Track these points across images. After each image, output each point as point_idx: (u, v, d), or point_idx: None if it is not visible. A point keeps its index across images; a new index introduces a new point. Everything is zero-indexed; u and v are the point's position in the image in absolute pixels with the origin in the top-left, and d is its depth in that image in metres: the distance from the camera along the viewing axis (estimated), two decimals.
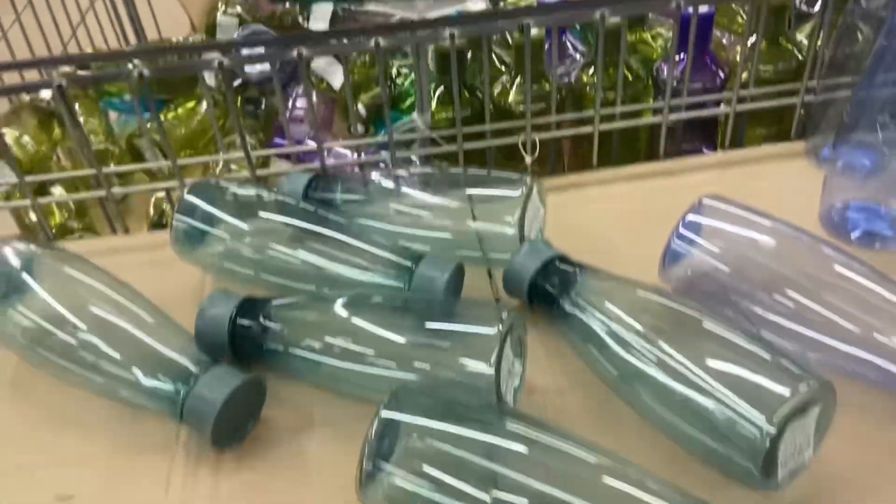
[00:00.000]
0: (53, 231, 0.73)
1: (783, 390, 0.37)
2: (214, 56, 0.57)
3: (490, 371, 0.41)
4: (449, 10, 0.78)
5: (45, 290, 0.50)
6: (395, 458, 0.37)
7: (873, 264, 0.46)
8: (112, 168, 0.74)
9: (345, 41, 0.60)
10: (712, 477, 0.40)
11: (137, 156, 0.92)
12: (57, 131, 0.92)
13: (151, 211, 0.81)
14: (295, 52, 0.56)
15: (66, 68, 0.66)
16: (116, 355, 0.46)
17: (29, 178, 0.62)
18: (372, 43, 0.56)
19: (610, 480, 0.36)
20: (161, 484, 0.44)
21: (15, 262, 0.51)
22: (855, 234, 0.57)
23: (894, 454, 0.42)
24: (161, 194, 0.83)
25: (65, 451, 0.46)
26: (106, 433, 0.47)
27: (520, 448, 0.37)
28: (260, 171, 0.68)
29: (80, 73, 0.68)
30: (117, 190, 0.65)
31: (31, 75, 0.81)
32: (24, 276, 0.50)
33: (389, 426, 0.37)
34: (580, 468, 0.36)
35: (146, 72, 0.55)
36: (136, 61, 0.54)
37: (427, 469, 0.36)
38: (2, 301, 0.50)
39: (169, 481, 0.44)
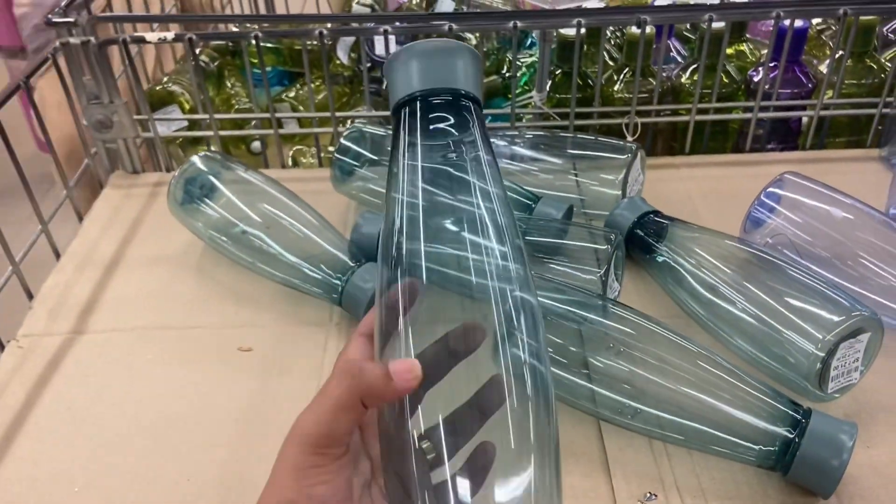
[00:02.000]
0: None
1: (838, 315, 0.46)
2: (375, 26, 0.68)
3: (598, 280, 0.51)
4: (569, 5, 0.88)
5: (232, 192, 0.62)
6: None
7: None
8: (283, 115, 0.87)
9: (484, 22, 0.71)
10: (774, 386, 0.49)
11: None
12: (211, 91, 1.07)
13: (290, 162, 0.94)
14: (446, 26, 0.67)
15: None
16: (289, 249, 0.58)
17: (218, 116, 0.75)
18: (511, 24, 0.67)
19: (708, 364, 0.45)
20: (320, 346, 0.55)
21: (206, 168, 0.63)
22: None
23: None
24: (298, 147, 0.96)
25: (242, 318, 0.58)
26: (274, 309, 0.58)
27: (628, 329, 0.46)
28: None
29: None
30: (283, 131, 0.77)
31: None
32: (215, 180, 0.62)
33: None
34: (683, 354, 0.45)
35: (325, 31, 0.67)
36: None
37: (548, 340, 0.46)
38: (195, 199, 0.62)
39: (326, 346, 0.55)
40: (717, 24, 0.71)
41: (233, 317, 0.58)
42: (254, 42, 0.68)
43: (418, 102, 0.34)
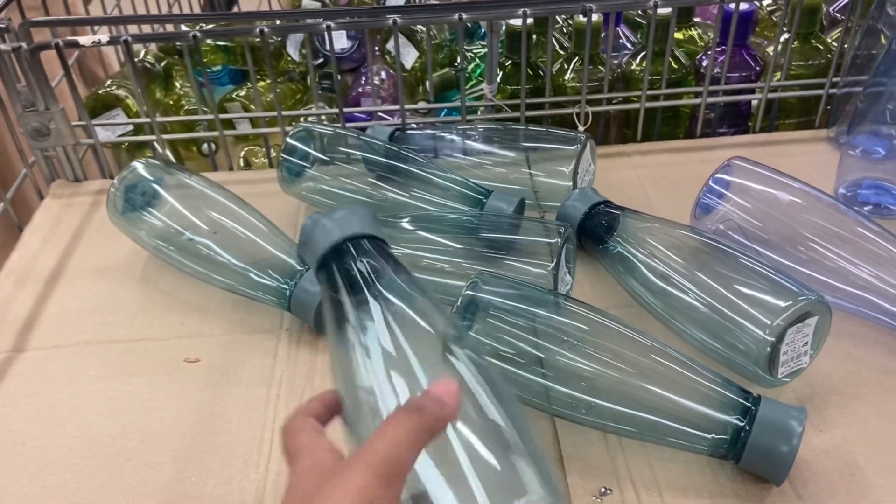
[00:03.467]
0: None
1: (785, 300, 0.46)
2: (318, 21, 0.67)
3: (549, 274, 0.50)
4: None
5: (175, 199, 0.60)
6: (473, 329, 0.46)
7: None
8: (227, 115, 0.85)
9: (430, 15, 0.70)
10: (725, 374, 0.49)
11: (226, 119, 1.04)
12: (158, 93, 1.04)
13: (242, 163, 0.92)
14: (390, 20, 0.66)
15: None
16: (235, 255, 0.57)
17: (160, 119, 0.73)
18: (456, 16, 0.66)
19: (659, 355, 0.44)
20: (270, 353, 0.53)
21: (149, 175, 0.61)
22: (866, 209, 0.65)
23: (879, 372, 0.50)
24: (249, 147, 0.94)
25: (189, 328, 0.56)
26: (222, 317, 0.57)
27: (581, 325, 0.46)
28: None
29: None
30: (229, 132, 0.75)
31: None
32: (157, 187, 0.61)
33: (471, 303, 0.46)
34: (635, 346, 0.45)
35: (267, 29, 0.65)
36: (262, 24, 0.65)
37: (500, 339, 0.45)
38: (138, 208, 0.60)
39: (276, 352, 0.54)
40: (664, 10, 0.70)
41: (179, 327, 0.56)
42: (194, 42, 0.66)
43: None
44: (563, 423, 0.47)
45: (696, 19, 0.87)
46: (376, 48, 1.04)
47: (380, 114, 0.83)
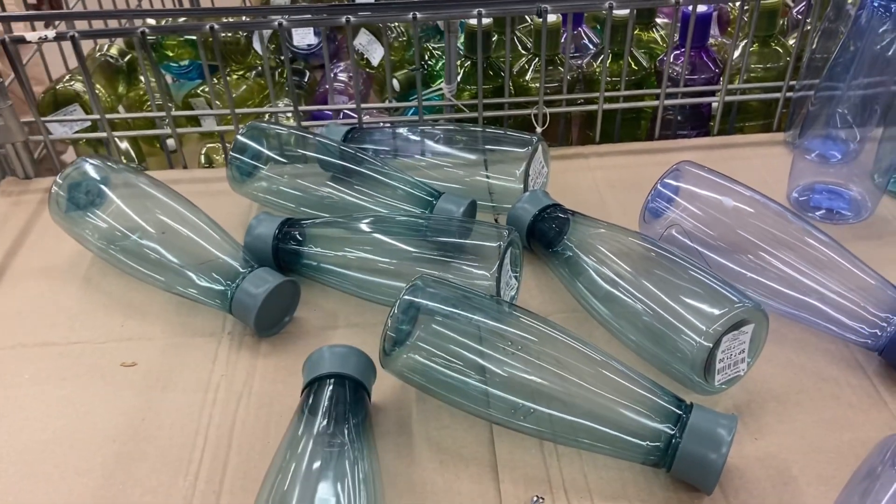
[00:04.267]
0: None
1: (721, 308, 0.46)
2: (276, 18, 0.66)
3: (491, 278, 0.50)
4: None
5: (119, 199, 0.59)
6: (412, 335, 0.46)
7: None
8: (180, 112, 0.84)
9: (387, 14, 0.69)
10: (665, 381, 0.49)
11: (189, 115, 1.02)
12: (121, 88, 1.03)
13: (203, 160, 0.91)
14: (343, 19, 0.65)
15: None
16: (177, 256, 0.56)
17: (109, 116, 0.72)
18: (410, 15, 0.65)
19: (596, 363, 0.44)
20: (210, 358, 0.53)
21: (93, 174, 0.60)
22: (819, 213, 0.65)
23: (818, 379, 0.50)
24: (211, 145, 0.93)
25: (129, 331, 0.55)
26: (164, 319, 0.56)
27: (521, 332, 0.45)
28: (304, 123, 0.77)
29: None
30: (182, 130, 0.74)
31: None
32: (102, 186, 0.60)
33: (410, 307, 0.46)
34: (574, 354, 0.45)
35: (217, 26, 0.64)
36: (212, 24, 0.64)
37: (439, 345, 0.45)
38: (81, 208, 0.59)
39: (216, 356, 0.53)
40: (622, 11, 0.70)
41: (119, 330, 0.55)
42: (142, 37, 0.65)
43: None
44: (500, 430, 0.47)
45: (660, 20, 0.86)
46: (345, 45, 1.03)
47: (344, 112, 0.82)
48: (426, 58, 0.97)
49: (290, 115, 0.82)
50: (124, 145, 0.93)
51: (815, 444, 0.46)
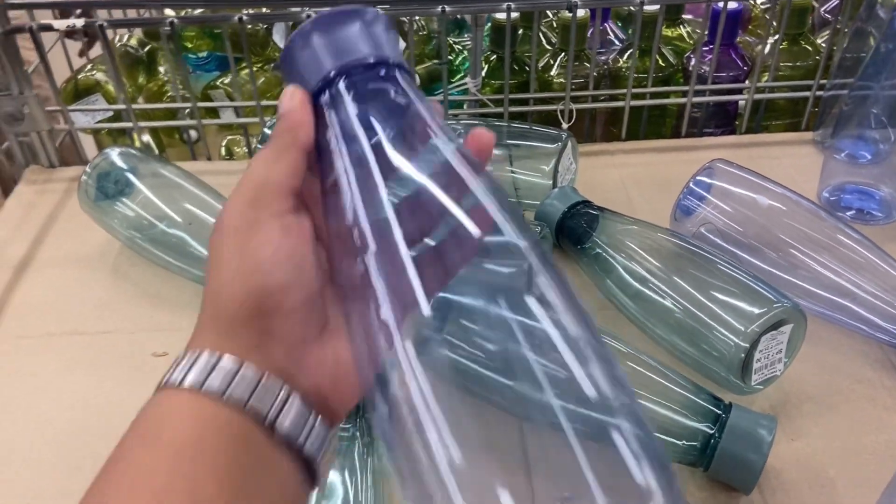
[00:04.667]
0: None
1: (760, 307, 0.45)
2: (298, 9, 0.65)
3: None
4: None
5: (148, 189, 0.59)
6: (445, 330, 0.45)
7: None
8: (204, 104, 0.83)
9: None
10: (698, 380, 0.48)
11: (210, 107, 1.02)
12: (141, 78, 1.02)
13: (223, 152, 0.90)
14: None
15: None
16: (206, 246, 0.55)
17: (136, 106, 0.71)
18: (438, 9, 0.65)
19: (632, 360, 0.44)
20: None
21: (122, 163, 0.60)
22: (849, 214, 0.65)
23: (853, 381, 0.50)
24: (231, 137, 0.92)
25: (158, 321, 0.55)
26: (194, 310, 0.55)
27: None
28: None
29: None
30: (206, 121, 0.74)
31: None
32: (130, 176, 0.59)
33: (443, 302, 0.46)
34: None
35: (246, 17, 0.64)
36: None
37: (468, 340, 0.45)
38: (110, 197, 0.59)
39: None
40: (651, 7, 0.69)
41: (148, 320, 0.55)
42: (171, 28, 0.65)
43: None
44: (532, 426, 0.46)
45: (686, 17, 0.86)
46: None
47: None
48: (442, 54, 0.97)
49: None
50: (145, 137, 0.92)
51: (851, 447, 0.45)
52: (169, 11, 0.72)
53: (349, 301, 0.27)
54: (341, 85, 0.27)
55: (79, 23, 0.65)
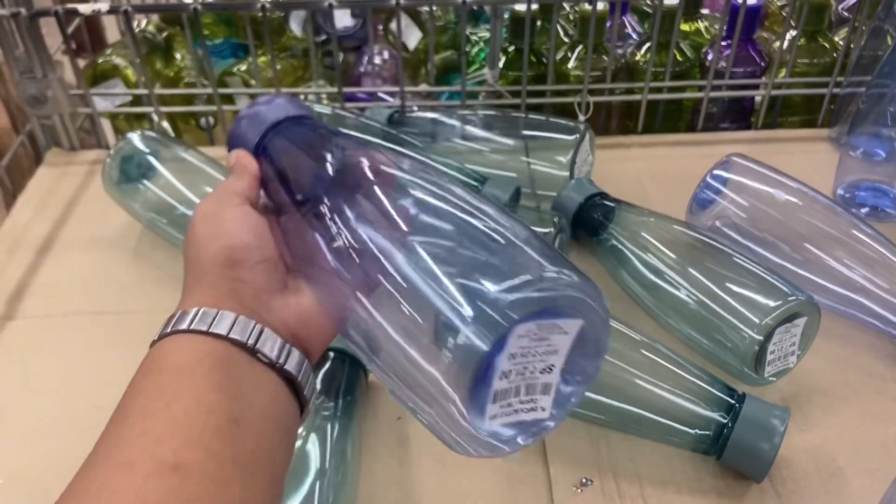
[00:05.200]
0: None
1: (775, 300, 0.46)
2: None
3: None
4: None
5: (170, 172, 0.59)
6: None
7: None
8: (225, 90, 0.84)
9: None
10: (712, 370, 0.49)
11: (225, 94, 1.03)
12: (158, 64, 1.03)
13: None
14: (393, 1, 0.65)
15: None
16: None
17: (158, 91, 0.72)
18: (459, 0, 0.65)
19: (648, 350, 0.45)
20: None
21: (144, 147, 0.61)
22: (864, 211, 0.65)
23: (864, 374, 0.50)
24: None
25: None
26: None
27: None
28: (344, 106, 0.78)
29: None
30: (226, 108, 0.75)
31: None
32: (152, 159, 0.60)
33: None
34: (625, 340, 0.45)
35: (268, 4, 0.65)
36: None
37: None
38: (132, 180, 0.60)
39: None
40: (671, 1, 0.70)
41: (170, 301, 0.55)
42: (195, 14, 0.66)
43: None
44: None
45: (704, 11, 0.86)
46: (380, 27, 1.03)
47: (380, 94, 0.83)
48: (461, 44, 0.97)
49: (327, 95, 0.82)
50: (164, 123, 0.93)
51: (860, 438, 0.46)
52: None
53: (311, 266, 0.33)
54: (267, 137, 0.38)
55: (104, 7, 0.66)
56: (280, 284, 0.33)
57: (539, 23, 0.81)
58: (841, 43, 0.76)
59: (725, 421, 0.42)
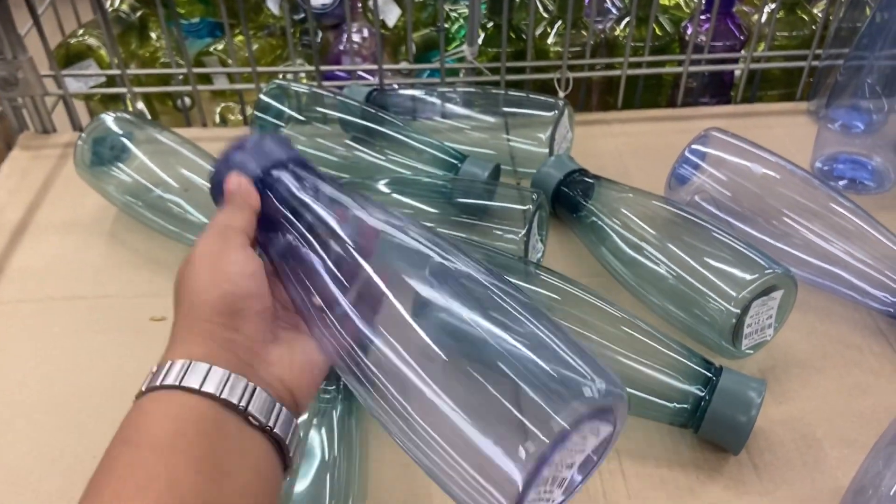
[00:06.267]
0: None
1: (751, 273, 0.46)
2: None
3: (520, 242, 0.50)
4: None
5: (145, 154, 0.59)
6: None
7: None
8: (200, 70, 0.83)
9: None
10: (690, 344, 0.49)
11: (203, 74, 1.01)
12: (133, 45, 1.01)
13: (218, 119, 0.90)
14: None
15: None
16: (204, 212, 0.56)
17: (130, 71, 0.71)
18: None
19: (626, 325, 0.45)
20: None
21: (118, 128, 0.60)
22: (842, 183, 0.65)
23: (841, 346, 0.51)
24: (225, 104, 0.92)
25: (156, 286, 0.56)
26: None
27: (549, 292, 0.46)
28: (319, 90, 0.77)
29: None
30: (202, 87, 0.74)
31: None
32: (126, 141, 0.59)
33: None
34: (602, 315, 0.45)
35: None
36: None
37: None
38: (106, 162, 0.59)
39: None
40: None
41: (146, 285, 0.56)
42: None
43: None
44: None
45: None
46: (359, 4, 1.02)
47: (360, 73, 0.82)
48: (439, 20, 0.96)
49: (305, 74, 0.81)
50: (139, 105, 0.92)
51: (837, 409, 0.47)
52: None
53: (307, 307, 0.33)
54: (274, 171, 0.35)
55: None
56: (272, 335, 0.32)
57: None
58: (820, 15, 0.76)
59: (703, 394, 0.42)
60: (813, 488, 0.42)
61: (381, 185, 0.57)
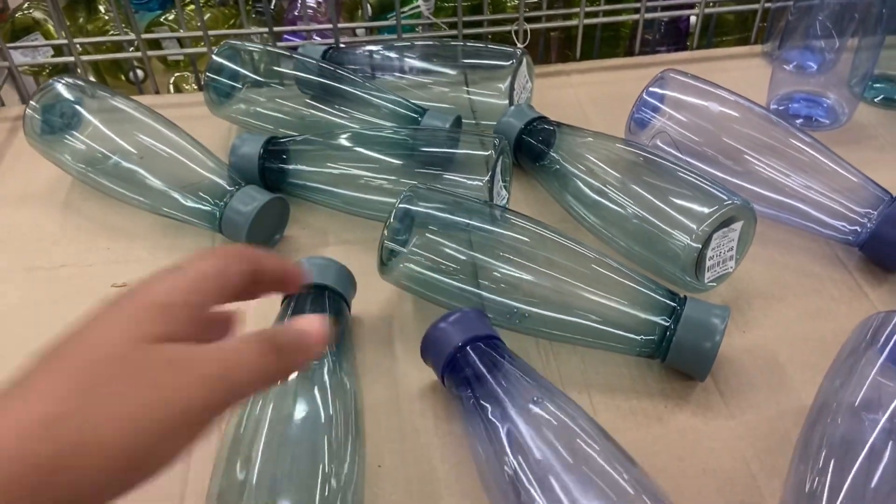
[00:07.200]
0: None
1: (710, 206, 0.47)
2: None
3: (484, 187, 0.50)
4: None
5: (98, 121, 0.57)
6: (408, 244, 0.46)
7: None
8: (149, 35, 0.81)
9: None
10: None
11: (155, 44, 0.99)
12: (81, 19, 0.98)
13: (172, 90, 0.88)
14: None
15: None
16: (162, 177, 0.55)
17: (78, 41, 0.69)
18: None
19: (591, 261, 0.45)
20: None
21: (68, 94, 0.58)
22: (798, 122, 0.66)
23: (801, 276, 0.52)
24: (179, 74, 0.90)
25: (116, 254, 0.55)
26: (151, 242, 0.55)
27: (515, 234, 0.46)
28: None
29: None
30: (153, 53, 0.72)
31: None
32: (77, 107, 0.58)
33: (406, 216, 0.46)
34: (568, 253, 0.46)
35: None
36: None
37: (436, 251, 0.45)
38: (57, 130, 0.57)
39: None
40: None
41: (105, 253, 0.55)
42: None
43: None
44: (496, 331, 0.48)
45: None
46: None
47: (315, 36, 0.80)
48: None
49: (259, 38, 0.80)
50: (89, 77, 0.89)
51: (799, 335, 0.48)
52: None
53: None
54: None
55: None
56: None
57: None
58: None
59: (668, 324, 0.43)
60: (778, 409, 0.43)
61: (343, 140, 0.56)
